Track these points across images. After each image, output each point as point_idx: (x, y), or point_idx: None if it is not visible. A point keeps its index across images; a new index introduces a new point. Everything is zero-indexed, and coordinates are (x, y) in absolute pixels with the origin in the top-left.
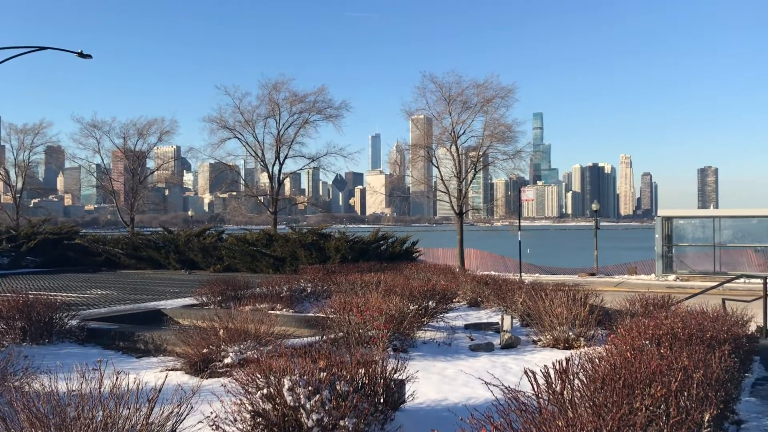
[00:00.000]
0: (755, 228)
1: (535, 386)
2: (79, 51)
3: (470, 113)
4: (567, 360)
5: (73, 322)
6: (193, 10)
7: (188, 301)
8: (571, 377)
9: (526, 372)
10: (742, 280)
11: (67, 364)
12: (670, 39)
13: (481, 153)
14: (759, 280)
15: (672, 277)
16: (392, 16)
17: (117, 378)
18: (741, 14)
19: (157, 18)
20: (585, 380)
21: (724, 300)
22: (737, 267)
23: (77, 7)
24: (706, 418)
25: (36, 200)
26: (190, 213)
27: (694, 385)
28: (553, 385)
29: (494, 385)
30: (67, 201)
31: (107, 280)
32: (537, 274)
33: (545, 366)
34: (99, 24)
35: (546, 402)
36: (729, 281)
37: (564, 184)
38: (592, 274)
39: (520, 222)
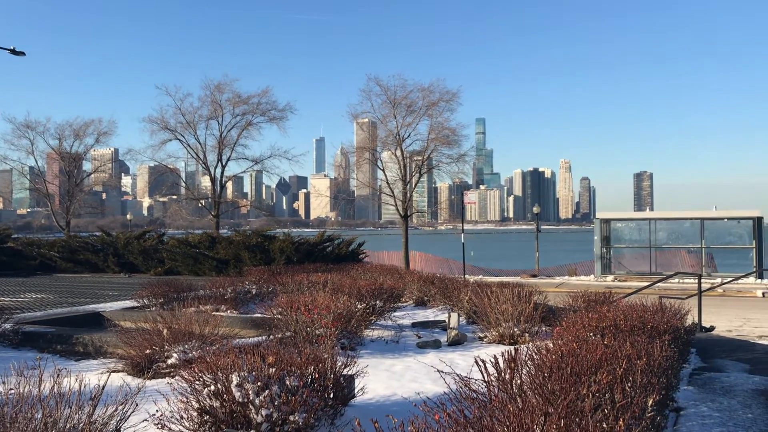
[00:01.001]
0: (688, 230)
1: (485, 375)
2: (12, 48)
3: (415, 116)
4: (516, 350)
5: (7, 326)
6: (133, 10)
7: (128, 303)
8: (520, 366)
9: (476, 361)
10: (677, 279)
11: (2, 367)
12: (606, 46)
13: (425, 156)
14: (692, 280)
15: (610, 277)
16: (338, 20)
17: (58, 375)
18: (675, 20)
19: (95, 16)
20: (533, 369)
21: (660, 297)
22: (671, 267)
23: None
24: (650, 402)
25: None
26: (128, 217)
27: (638, 372)
28: (503, 374)
29: (447, 373)
30: None
31: (43, 284)
32: (480, 276)
33: (494, 356)
34: (32, 20)
35: (496, 390)
36: (665, 279)
37: (506, 188)
38: (534, 276)
39: (463, 225)
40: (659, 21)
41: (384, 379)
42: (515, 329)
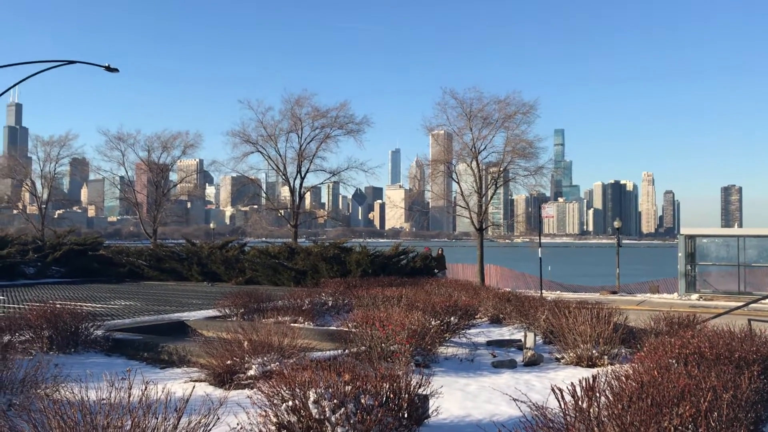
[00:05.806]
0: None
1: (561, 403)
2: (107, 65)
3: (491, 129)
4: (594, 377)
5: (99, 332)
6: (218, 26)
7: (211, 312)
8: (598, 395)
9: (552, 389)
10: None
11: (95, 374)
12: (694, 56)
13: (501, 169)
14: None
15: (695, 296)
16: (413, 31)
17: (146, 387)
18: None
19: (181, 33)
20: (612, 398)
21: (750, 320)
22: (762, 287)
23: (106, 21)
24: None
25: (60, 211)
26: (211, 225)
27: (724, 406)
28: (580, 402)
29: (522, 402)
30: (91, 212)
31: (131, 290)
32: (558, 292)
33: (572, 383)
34: (123, 36)
35: (573, 419)
36: (755, 301)
37: (585, 201)
38: (614, 293)
39: (540, 238)
40: (749, 25)
41: (458, 399)
42: (594, 351)
